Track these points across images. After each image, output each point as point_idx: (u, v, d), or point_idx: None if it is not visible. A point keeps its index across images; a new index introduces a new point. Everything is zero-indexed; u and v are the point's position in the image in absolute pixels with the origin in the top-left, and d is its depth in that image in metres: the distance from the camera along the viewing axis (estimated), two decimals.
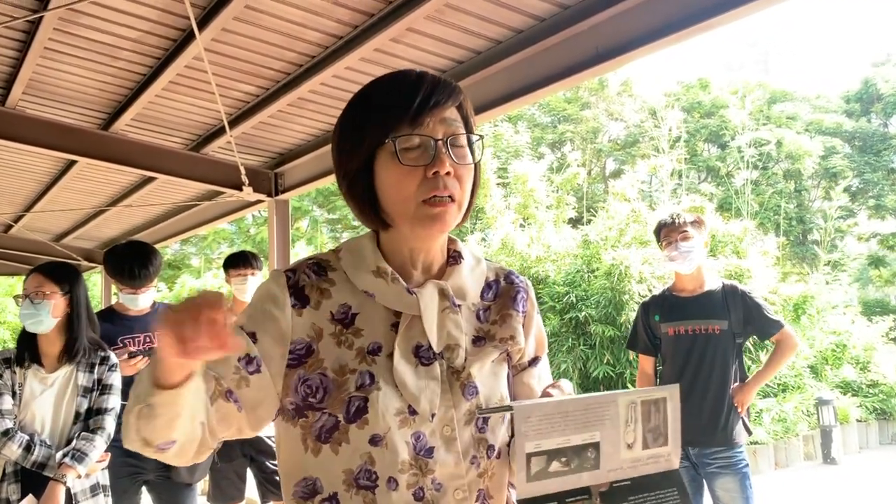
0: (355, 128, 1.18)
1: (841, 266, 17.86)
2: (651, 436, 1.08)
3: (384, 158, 1.15)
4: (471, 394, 1.18)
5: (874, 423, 10.48)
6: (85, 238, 8.17)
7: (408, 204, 1.14)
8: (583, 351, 9.48)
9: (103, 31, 3.30)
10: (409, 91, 1.15)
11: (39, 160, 5.31)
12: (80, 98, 4.11)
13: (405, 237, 1.20)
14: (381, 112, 1.15)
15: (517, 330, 1.28)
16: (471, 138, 1.19)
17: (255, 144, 4.76)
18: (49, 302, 2.90)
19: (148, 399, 1.02)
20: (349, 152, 1.19)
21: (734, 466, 3.36)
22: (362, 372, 1.14)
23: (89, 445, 2.87)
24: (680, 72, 32.43)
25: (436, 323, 1.18)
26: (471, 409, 1.17)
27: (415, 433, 1.14)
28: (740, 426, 3.43)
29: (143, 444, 1.06)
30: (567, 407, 1.04)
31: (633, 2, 2.79)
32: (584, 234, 10.86)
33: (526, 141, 18.40)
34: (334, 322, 1.18)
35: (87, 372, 2.98)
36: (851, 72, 26.56)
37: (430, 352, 1.18)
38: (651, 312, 3.68)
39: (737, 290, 3.54)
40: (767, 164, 20.19)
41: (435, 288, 1.20)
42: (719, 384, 3.43)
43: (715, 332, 3.46)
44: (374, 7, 3.05)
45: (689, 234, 3.48)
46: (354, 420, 1.12)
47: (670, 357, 3.58)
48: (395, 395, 1.14)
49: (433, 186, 1.12)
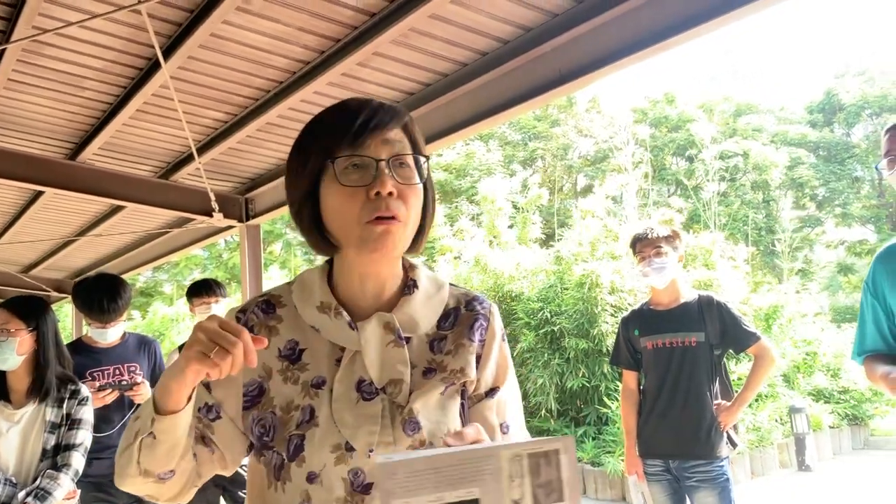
0: (300, 153, 1.19)
1: (810, 275, 18.13)
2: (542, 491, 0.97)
3: (327, 182, 1.14)
4: (412, 429, 1.14)
5: (846, 429, 10.62)
6: (54, 269, 8.06)
7: (352, 226, 1.12)
8: (558, 365, 9.51)
9: (68, 61, 3.29)
10: (350, 114, 1.15)
11: (5, 191, 5.25)
12: (46, 128, 4.08)
13: (354, 262, 1.19)
14: (323, 136, 1.16)
15: (468, 362, 1.23)
16: (418, 159, 1.18)
17: (224, 170, 4.75)
18: (14, 339, 2.86)
19: (152, 427, 1.06)
20: (295, 178, 1.19)
21: (714, 480, 3.34)
22: (304, 407, 1.15)
23: (53, 484, 2.81)
24: (649, 85, 32.84)
25: (378, 358, 1.17)
26: (412, 446, 1.14)
27: (352, 469, 1.12)
28: (723, 440, 3.42)
29: (144, 477, 1.11)
30: (439, 462, 0.94)
31: (594, 23, 2.85)
32: (557, 251, 10.94)
33: (498, 159, 18.54)
34: (281, 359, 1.19)
35: (55, 407, 2.94)
36: (814, 83, 27.11)
37: (372, 386, 1.16)
38: (631, 327, 3.69)
39: (713, 302, 3.55)
40: (735, 175, 20.51)
41: (379, 322, 1.18)
42: (698, 396, 3.42)
43: (692, 344, 3.46)
44: (341, 32, 3.08)
45: (663, 249, 3.50)
46: (293, 458, 1.13)
47: (650, 371, 3.58)
48: (333, 431, 1.13)
49: (375, 207, 1.11)
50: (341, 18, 2.96)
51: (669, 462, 3.45)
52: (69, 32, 2.98)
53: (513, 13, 2.94)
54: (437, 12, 2.87)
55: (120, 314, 3.64)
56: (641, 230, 3.68)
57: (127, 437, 1.12)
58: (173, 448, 1.09)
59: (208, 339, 0.99)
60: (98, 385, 3.51)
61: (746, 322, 3.59)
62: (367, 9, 2.90)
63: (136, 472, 1.11)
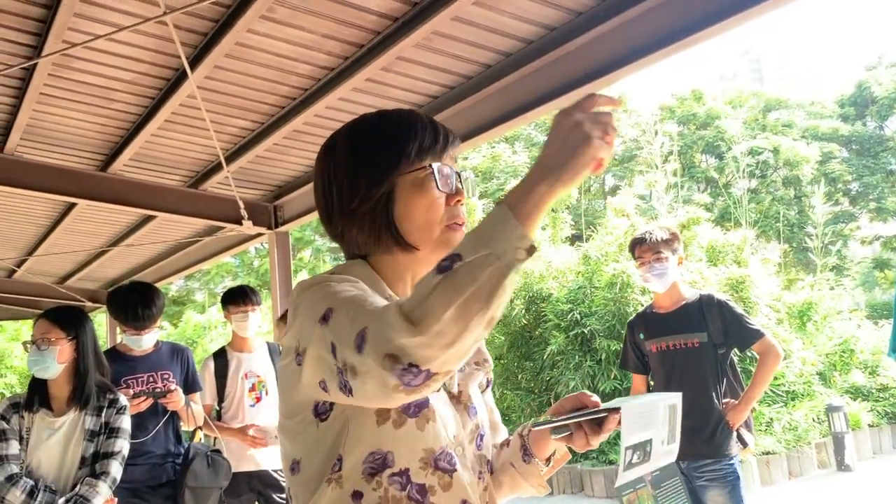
0: (380, 153, 1.20)
1: (844, 270, 17.84)
2: (671, 434, 1.25)
3: (410, 184, 1.19)
4: (472, 414, 1.24)
5: (886, 427, 10.39)
6: (88, 279, 8.18)
7: (433, 228, 1.20)
8: (590, 367, 9.45)
9: (97, 74, 3.34)
10: (432, 125, 1.23)
11: (39, 204, 5.35)
12: (78, 141, 4.14)
13: (414, 262, 1.22)
14: (411, 141, 1.20)
15: (486, 352, 1.36)
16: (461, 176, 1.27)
17: (252, 178, 4.79)
18: (55, 348, 2.92)
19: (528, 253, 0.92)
20: (373, 177, 1.19)
21: (723, 479, 3.36)
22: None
23: (92, 491, 2.86)
24: (675, 83, 32.61)
25: None
26: (471, 430, 1.23)
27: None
28: (732, 438, 3.43)
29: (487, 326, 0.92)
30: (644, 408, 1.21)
31: (618, 21, 2.82)
32: (585, 251, 10.87)
33: (524, 161, 18.49)
34: None
35: (94, 416, 2.99)
36: (844, 76, 26.62)
37: None
38: (636, 331, 3.74)
39: (713, 301, 3.55)
40: (766, 172, 20.27)
41: None
42: (703, 397, 3.43)
43: (694, 345, 3.48)
44: (364, 38, 3.09)
45: (663, 254, 3.51)
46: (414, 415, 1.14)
47: (657, 373, 3.63)
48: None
49: (456, 213, 1.21)
50: (364, 24, 2.97)
51: (680, 463, 3.42)
52: (97, 45, 3.03)
53: (536, 13, 2.93)
54: (460, 14, 2.87)
55: (154, 321, 3.69)
56: (640, 234, 3.69)
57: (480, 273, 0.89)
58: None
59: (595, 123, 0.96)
60: (133, 392, 3.57)
61: (749, 319, 3.59)
62: (389, 13, 2.90)
63: (487, 320, 0.91)
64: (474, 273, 0.89)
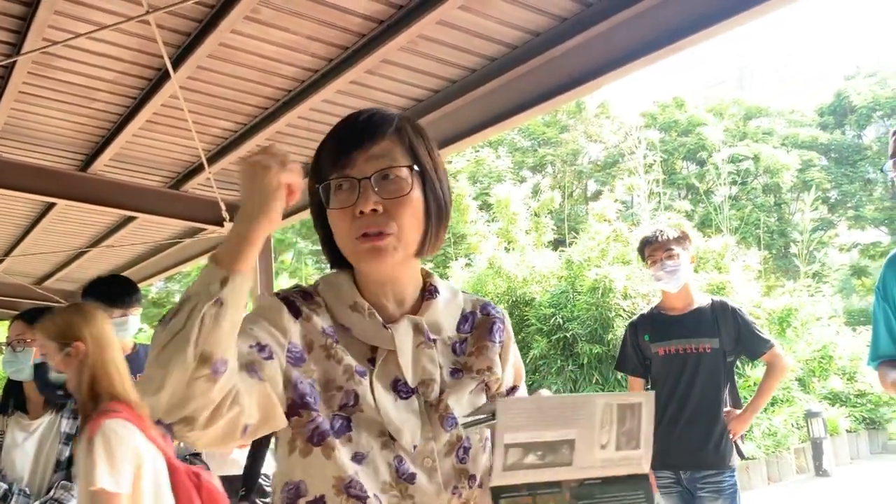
0: (309, 178, 1.24)
1: (823, 277, 18.00)
2: (624, 438, 1.12)
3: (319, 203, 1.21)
4: (450, 425, 1.19)
5: (864, 433, 10.51)
6: (67, 280, 8.08)
7: (346, 244, 1.18)
8: (571, 371, 9.47)
9: (78, 73, 3.30)
10: (337, 135, 1.21)
11: (18, 204, 5.28)
12: (58, 140, 4.10)
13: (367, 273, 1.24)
14: (317, 160, 1.22)
15: (494, 361, 1.29)
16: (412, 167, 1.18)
17: (234, 180, 4.75)
18: (30, 350, 2.87)
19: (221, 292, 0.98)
20: (311, 198, 1.25)
21: (725, 491, 3.25)
22: (347, 391, 1.16)
23: (67, 495, 2.81)
24: (658, 90, 32.79)
25: (411, 358, 1.21)
26: (450, 441, 1.19)
27: (396, 456, 1.15)
28: (733, 449, 3.34)
29: (199, 366, 0.94)
30: (545, 404, 1.10)
31: (603, 27, 2.83)
32: (567, 256, 10.90)
33: (507, 165, 18.52)
34: (324, 336, 1.19)
35: (70, 418, 2.94)
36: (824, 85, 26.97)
37: (407, 386, 1.20)
38: (640, 332, 3.55)
39: (727, 307, 3.44)
40: (746, 179, 20.40)
41: (410, 323, 1.23)
42: (711, 405, 3.33)
43: (706, 350, 3.35)
44: (349, 40, 3.07)
45: (675, 251, 3.39)
46: (339, 436, 1.13)
47: (661, 377, 3.45)
48: (378, 421, 1.15)
49: (360, 225, 1.15)
50: (349, 26, 2.96)
51: (681, 473, 3.34)
52: (79, 44, 2.99)
53: (521, 18, 2.93)
54: (445, 18, 2.86)
55: (138, 301, 3.60)
56: (650, 233, 3.57)
57: (175, 321, 0.97)
58: (235, 327, 1.00)
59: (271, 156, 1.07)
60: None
61: (760, 329, 3.50)
62: (374, 16, 2.89)
63: (191, 358, 0.94)
64: (175, 320, 0.97)
